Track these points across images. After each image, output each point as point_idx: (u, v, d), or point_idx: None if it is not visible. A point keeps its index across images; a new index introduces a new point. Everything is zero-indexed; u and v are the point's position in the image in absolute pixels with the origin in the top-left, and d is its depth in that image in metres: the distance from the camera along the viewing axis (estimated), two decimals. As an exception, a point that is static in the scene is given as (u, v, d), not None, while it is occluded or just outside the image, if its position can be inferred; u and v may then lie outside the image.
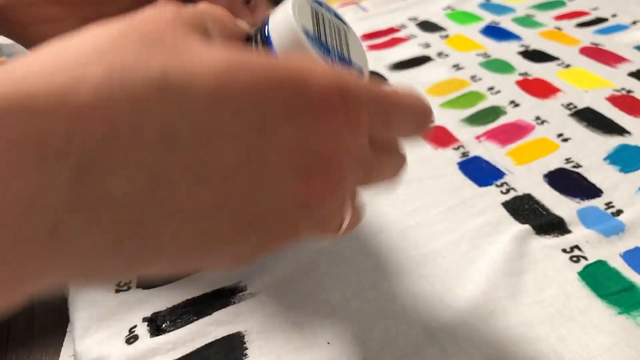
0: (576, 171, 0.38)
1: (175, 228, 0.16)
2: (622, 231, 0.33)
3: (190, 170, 0.15)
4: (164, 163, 0.15)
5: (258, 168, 0.16)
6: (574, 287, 0.30)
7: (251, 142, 0.16)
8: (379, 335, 0.28)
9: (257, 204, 0.17)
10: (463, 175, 0.39)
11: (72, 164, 0.14)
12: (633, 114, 0.43)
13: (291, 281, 0.32)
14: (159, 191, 0.15)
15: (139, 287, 0.32)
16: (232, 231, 0.17)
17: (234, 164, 0.16)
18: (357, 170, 0.19)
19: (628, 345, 0.27)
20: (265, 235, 0.18)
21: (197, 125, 0.15)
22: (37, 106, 0.13)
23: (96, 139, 0.14)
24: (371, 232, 0.35)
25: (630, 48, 0.52)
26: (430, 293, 0.30)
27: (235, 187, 0.16)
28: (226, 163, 0.16)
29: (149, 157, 0.15)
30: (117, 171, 0.14)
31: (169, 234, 0.16)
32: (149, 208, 0.15)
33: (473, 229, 0.34)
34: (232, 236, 0.17)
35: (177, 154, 0.15)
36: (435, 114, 0.46)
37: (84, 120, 0.14)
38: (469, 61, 0.53)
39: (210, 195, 0.16)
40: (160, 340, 0.29)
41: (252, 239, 0.18)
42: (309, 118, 0.17)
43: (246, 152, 0.16)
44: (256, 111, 0.16)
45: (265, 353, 0.28)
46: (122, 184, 0.15)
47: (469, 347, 0.27)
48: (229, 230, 0.17)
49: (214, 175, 0.16)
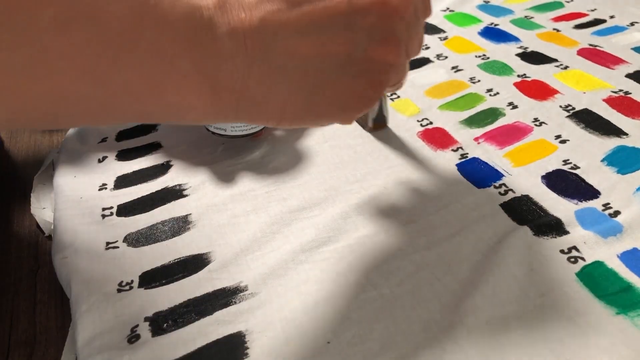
0: (574, 172, 0.38)
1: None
2: (619, 232, 0.33)
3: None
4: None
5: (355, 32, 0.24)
6: (572, 288, 0.30)
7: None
8: (379, 335, 0.29)
9: (355, 60, 0.24)
10: (462, 176, 0.39)
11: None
12: (630, 116, 0.43)
13: (291, 281, 0.32)
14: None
15: (140, 286, 0.32)
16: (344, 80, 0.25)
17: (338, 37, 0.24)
18: (408, 40, 0.26)
19: (626, 345, 0.27)
20: (369, 83, 0.25)
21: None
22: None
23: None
24: (371, 232, 0.35)
25: (628, 49, 0.53)
26: (430, 293, 0.31)
27: (334, 47, 0.24)
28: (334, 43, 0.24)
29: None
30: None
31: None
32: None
33: (471, 230, 0.34)
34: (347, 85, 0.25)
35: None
36: (433, 116, 0.46)
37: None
38: (468, 63, 0.53)
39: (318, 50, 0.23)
40: (161, 339, 0.29)
41: (358, 86, 0.25)
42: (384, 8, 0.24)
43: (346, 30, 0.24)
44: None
45: (266, 352, 0.28)
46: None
47: (469, 348, 0.28)
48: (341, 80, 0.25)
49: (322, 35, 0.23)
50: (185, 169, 0.42)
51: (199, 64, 0.22)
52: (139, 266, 0.34)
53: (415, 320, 0.29)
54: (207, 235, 0.36)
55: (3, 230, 0.40)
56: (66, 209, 0.39)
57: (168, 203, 0.39)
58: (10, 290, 0.36)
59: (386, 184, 0.39)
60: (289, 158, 0.42)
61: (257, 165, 0.42)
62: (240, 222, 0.37)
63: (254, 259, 0.34)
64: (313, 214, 0.37)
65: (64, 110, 0.21)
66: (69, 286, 0.33)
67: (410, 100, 0.49)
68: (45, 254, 0.38)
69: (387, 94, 0.48)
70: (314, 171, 0.41)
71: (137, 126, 0.48)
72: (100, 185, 0.41)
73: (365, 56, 0.24)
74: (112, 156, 0.44)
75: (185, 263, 0.34)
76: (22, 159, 0.48)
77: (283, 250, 0.34)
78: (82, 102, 0.21)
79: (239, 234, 0.36)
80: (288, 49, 0.23)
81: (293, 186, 0.39)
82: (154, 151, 0.45)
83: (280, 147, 0.44)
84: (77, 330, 0.30)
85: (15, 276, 0.37)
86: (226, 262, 0.34)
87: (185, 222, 0.37)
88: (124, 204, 0.39)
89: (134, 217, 0.38)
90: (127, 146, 0.46)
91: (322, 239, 0.35)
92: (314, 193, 0.39)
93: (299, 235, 0.35)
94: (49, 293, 0.35)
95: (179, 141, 0.45)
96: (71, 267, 0.34)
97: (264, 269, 0.33)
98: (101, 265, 0.34)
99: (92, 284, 0.33)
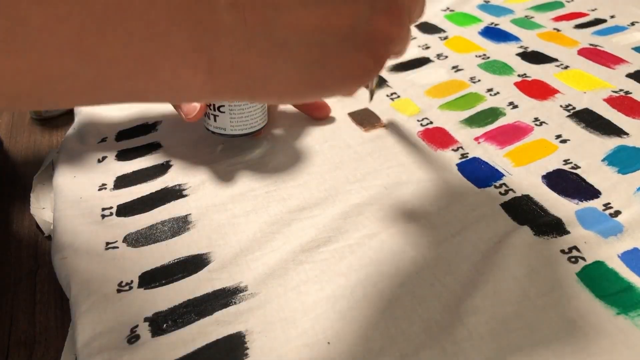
0: (574, 172, 0.38)
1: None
2: (620, 232, 0.33)
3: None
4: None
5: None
6: (573, 288, 0.30)
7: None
8: (379, 335, 0.29)
9: (358, 31, 0.23)
10: (462, 176, 0.39)
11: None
12: (631, 115, 0.43)
13: (291, 281, 0.32)
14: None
15: (140, 287, 0.32)
16: (345, 49, 0.24)
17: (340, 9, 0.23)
18: (410, 10, 0.26)
19: (626, 346, 0.27)
20: (372, 54, 0.25)
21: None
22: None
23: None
24: (371, 232, 0.35)
25: (629, 49, 0.53)
26: (430, 294, 0.31)
27: (337, 19, 0.23)
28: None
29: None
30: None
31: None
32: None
33: (472, 230, 0.34)
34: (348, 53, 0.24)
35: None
36: (434, 116, 0.46)
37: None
38: (468, 63, 0.53)
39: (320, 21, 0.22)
40: (161, 340, 0.29)
41: (361, 57, 0.24)
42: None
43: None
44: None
45: (266, 353, 0.28)
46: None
47: (469, 348, 0.28)
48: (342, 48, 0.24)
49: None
50: (185, 169, 0.42)
51: (196, 38, 0.21)
52: (139, 266, 0.34)
53: (415, 320, 0.29)
54: (207, 235, 0.36)
55: (3, 230, 0.40)
56: (66, 209, 0.39)
57: (168, 203, 0.39)
58: (10, 290, 0.36)
59: (386, 184, 0.39)
60: (289, 158, 0.42)
61: (257, 165, 0.42)
62: (240, 222, 0.37)
63: (254, 259, 0.34)
64: (313, 214, 0.37)
65: (47, 89, 0.20)
66: (68, 286, 0.33)
67: (411, 100, 0.49)
68: (45, 254, 0.38)
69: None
70: (314, 171, 0.41)
71: (137, 126, 0.48)
72: (100, 185, 0.41)
73: (369, 27, 0.24)
74: (111, 156, 0.44)
75: (185, 263, 0.34)
76: (22, 159, 0.48)
77: (283, 251, 0.34)
78: (67, 79, 0.20)
79: (239, 234, 0.36)
80: (290, 23, 0.22)
81: (293, 186, 0.39)
82: (153, 151, 0.45)
83: (280, 147, 0.44)
84: (76, 330, 0.30)
85: (15, 276, 0.36)
86: (226, 262, 0.34)
87: (185, 222, 0.37)
88: (124, 204, 0.39)
89: (133, 217, 0.38)
90: (126, 146, 0.45)
91: (322, 239, 0.35)
92: (314, 193, 0.39)
93: (299, 235, 0.35)
94: (48, 293, 0.35)
95: (179, 141, 0.45)
96: (71, 267, 0.34)
97: (263, 269, 0.33)
98: (101, 265, 0.34)
99: (92, 284, 0.33)
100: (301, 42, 0.23)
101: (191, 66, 0.21)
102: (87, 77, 0.20)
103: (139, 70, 0.21)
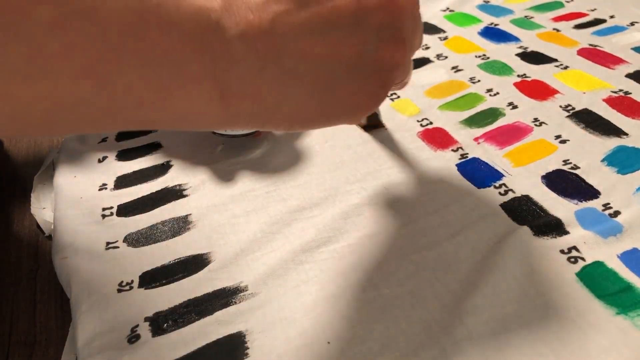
0: (574, 172, 0.38)
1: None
2: (619, 232, 0.33)
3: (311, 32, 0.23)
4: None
5: (362, 35, 0.24)
6: (572, 288, 0.30)
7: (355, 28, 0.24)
8: (379, 335, 0.29)
9: (365, 60, 0.24)
10: (462, 176, 0.39)
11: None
12: (630, 116, 0.43)
13: (291, 281, 0.32)
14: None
15: (140, 287, 0.32)
16: (351, 79, 0.24)
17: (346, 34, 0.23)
18: (412, 40, 0.27)
19: (626, 345, 0.27)
20: (379, 81, 0.26)
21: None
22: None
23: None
24: (371, 232, 0.35)
25: (628, 49, 0.53)
26: (430, 294, 0.31)
27: (345, 48, 0.23)
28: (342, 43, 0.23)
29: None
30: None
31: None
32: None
33: (472, 230, 0.34)
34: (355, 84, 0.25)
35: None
36: (433, 116, 0.46)
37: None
38: (468, 63, 0.53)
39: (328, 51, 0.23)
40: (161, 340, 0.29)
41: (369, 85, 0.25)
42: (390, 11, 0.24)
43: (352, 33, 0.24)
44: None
45: (266, 353, 0.28)
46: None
47: (469, 348, 0.28)
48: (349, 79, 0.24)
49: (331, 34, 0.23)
50: (185, 168, 0.42)
51: (209, 67, 0.21)
52: (139, 266, 0.34)
53: (415, 320, 0.29)
54: (207, 235, 0.36)
55: (3, 230, 0.40)
56: (66, 209, 0.39)
57: (168, 203, 0.39)
58: (10, 290, 0.36)
59: (386, 184, 0.39)
60: (289, 158, 0.42)
61: (257, 165, 0.42)
62: (240, 222, 0.37)
63: (254, 259, 0.34)
64: (313, 214, 0.37)
65: (61, 116, 0.20)
66: (69, 286, 0.33)
67: (410, 100, 0.49)
68: (45, 254, 0.38)
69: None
70: (314, 171, 0.41)
71: (137, 126, 0.48)
72: (100, 185, 0.41)
73: (376, 56, 0.24)
74: (112, 156, 0.44)
75: (185, 263, 0.34)
76: (22, 159, 0.48)
77: (283, 251, 0.34)
78: (81, 106, 0.20)
79: (239, 234, 0.36)
80: (299, 51, 0.22)
81: (293, 186, 0.39)
82: (154, 151, 0.45)
83: (280, 147, 0.44)
84: (77, 330, 0.30)
85: (15, 276, 0.37)
86: (226, 262, 0.34)
87: (185, 222, 0.37)
88: (124, 204, 0.39)
89: (134, 217, 0.38)
90: (127, 146, 0.46)
91: (322, 239, 0.35)
92: (314, 193, 0.39)
93: (299, 236, 0.35)
94: (49, 293, 0.35)
95: (179, 141, 0.45)
96: (71, 267, 0.34)
97: (264, 269, 0.33)
98: (101, 265, 0.34)
99: (92, 284, 0.33)
100: (311, 70, 0.23)
101: (205, 94, 0.22)
102: (101, 104, 0.20)
103: (152, 98, 0.21)
